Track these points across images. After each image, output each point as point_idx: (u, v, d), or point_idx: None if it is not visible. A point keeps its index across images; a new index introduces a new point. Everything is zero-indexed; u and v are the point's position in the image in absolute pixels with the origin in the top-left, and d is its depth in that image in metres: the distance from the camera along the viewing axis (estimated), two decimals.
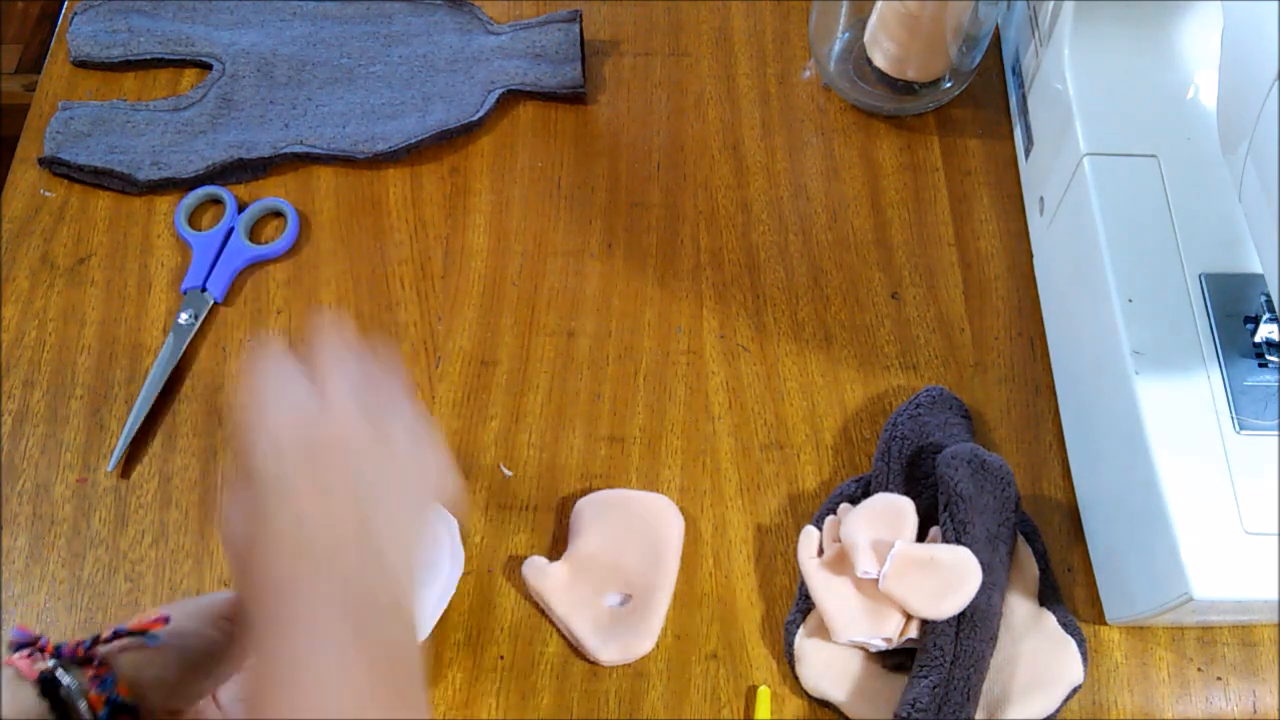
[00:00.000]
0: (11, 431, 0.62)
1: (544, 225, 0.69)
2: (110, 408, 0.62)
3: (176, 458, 0.61)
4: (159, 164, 0.69)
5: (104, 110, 0.71)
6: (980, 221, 0.69)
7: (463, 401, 0.63)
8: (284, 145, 0.70)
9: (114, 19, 0.75)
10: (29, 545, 0.59)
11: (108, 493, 0.60)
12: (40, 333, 0.65)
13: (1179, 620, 0.55)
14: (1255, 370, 0.54)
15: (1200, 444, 0.52)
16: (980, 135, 0.73)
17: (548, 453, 0.62)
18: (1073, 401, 0.62)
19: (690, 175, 0.71)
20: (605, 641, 0.55)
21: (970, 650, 0.52)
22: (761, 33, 0.77)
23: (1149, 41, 0.62)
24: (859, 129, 0.73)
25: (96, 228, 0.68)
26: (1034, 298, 0.67)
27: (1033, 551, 0.57)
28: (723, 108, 0.74)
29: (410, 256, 0.68)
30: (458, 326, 0.65)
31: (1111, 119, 0.61)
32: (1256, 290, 0.56)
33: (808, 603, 0.56)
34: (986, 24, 0.69)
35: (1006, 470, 0.56)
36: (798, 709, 0.55)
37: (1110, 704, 0.55)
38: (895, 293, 0.67)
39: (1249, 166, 0.46)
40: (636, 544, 0.58)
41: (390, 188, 0.70)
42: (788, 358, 0.65)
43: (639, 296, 0.67)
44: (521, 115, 0.73)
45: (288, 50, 0.74)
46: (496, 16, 0.76)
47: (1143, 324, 0.55)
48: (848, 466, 0.62)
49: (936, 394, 0.61)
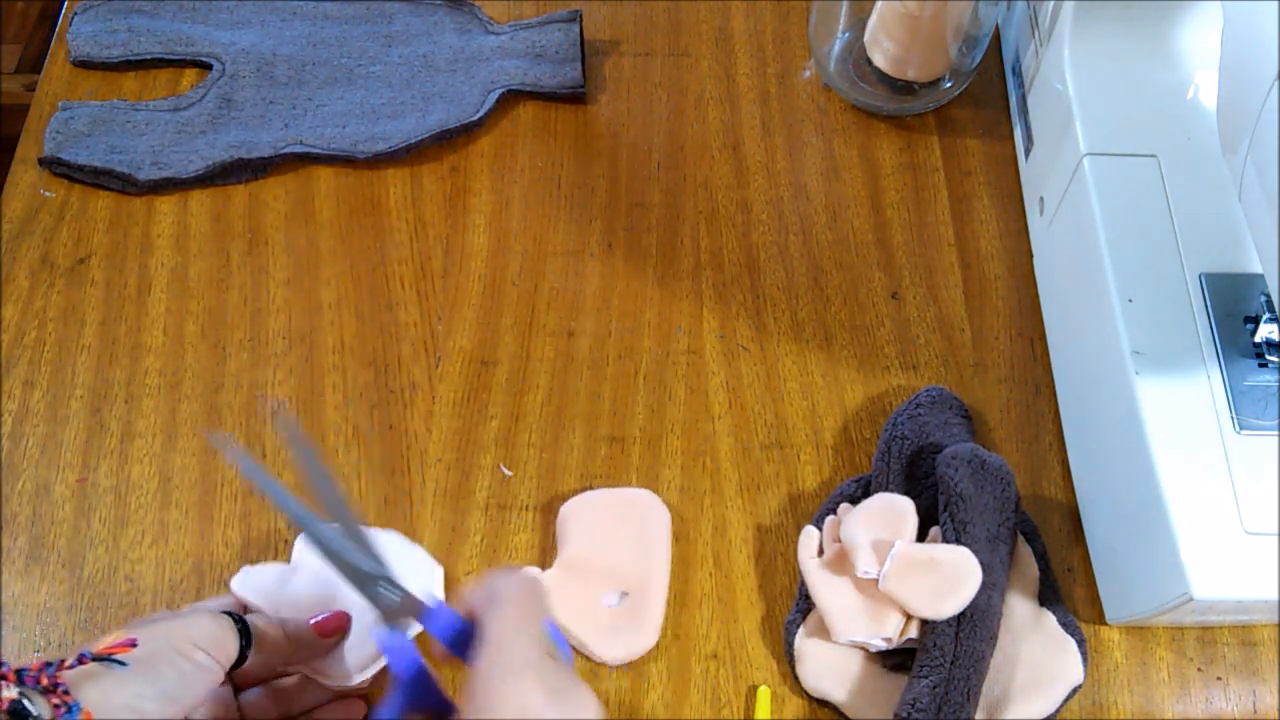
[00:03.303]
0: (11, 431, 0.62)
1: (544, 225, 0.69)
2: (110, 408, 0.62)
3: (176, 458, 0.61)
4: (159, 164, 0.69)
5: (104, 110, 0.71)
6: (980, 221, 0.69)
7: (463, 401, 0.63)
8: (284, 145, 0.70)
9: (114, 19, 0.75)
10: (29, 545, 0.59)
11: (108, 493, 0.60)
12: (40, 333, 0.65)
13: (1179, 620, 0.55)
14: (1255, 370, 0.54)
15: (1200, 444, 0.52)
16: (980, 135, 0.73)
17: (548, 453, 0.62)
18: (1073, 401, 0.62)
19: (690, 175, 0.71)
20: (608, 642, 0.55)
21: (970, 650, 0.52)
22: (761, 33, 0.77)
23: (1149, 41, 0.62)
24: (859, 129, 0.73)
25: (96, 228, 0.68)
26: (1034, 298, 0.67)
27: (1033, 551, 0.57)
28: (723, 108, 0.74)
29: (410, 256, 0.68)
30: (458, 326, 0.66)
31: (1111, 119, 0.61)
32: (1256, 290, 0.56)
33: (808, 603, 0.56)
34: (986, 24, 0.69)
35: (1006, 470, 0.56)
36: (798, 709, 0.55)
37: (1110, 704, 0.55)
38: (895, 293, 0.67)
39: (1249, 166, 0.46)
40: (625, 541, 0.58)
41: (390, 188, 0.70)
42: (788, 358, 0.65)
43: (639, 296, 0.67)
44: (521, 115, 0.73)
45: (288, 50, 0.74)
46: (496, 16, 0.76)
47: (1143, 324, 0.55)
48: (848, 466, 0.62)
49: (936, 394, 0.61)
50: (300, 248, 0.68)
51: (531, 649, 0.41)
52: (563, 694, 0.40)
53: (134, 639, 0.41)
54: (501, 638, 0.41)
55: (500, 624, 0.41)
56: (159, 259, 0.67)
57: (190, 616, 0.45)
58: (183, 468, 0.61)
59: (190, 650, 0.43)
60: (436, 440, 0.62)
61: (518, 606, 0.42)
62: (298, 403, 0.63)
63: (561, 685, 0.40)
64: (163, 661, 0.41)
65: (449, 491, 0.60)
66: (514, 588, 0.43)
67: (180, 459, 0.61)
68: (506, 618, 0.41)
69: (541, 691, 0.39)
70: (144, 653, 0.41)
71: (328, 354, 0.64)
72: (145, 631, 0.42)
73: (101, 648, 0.40)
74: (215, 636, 0.44)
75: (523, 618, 0.42)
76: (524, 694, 0.39)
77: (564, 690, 0.40)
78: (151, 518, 0.59)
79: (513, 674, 0.39)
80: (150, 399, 0.63)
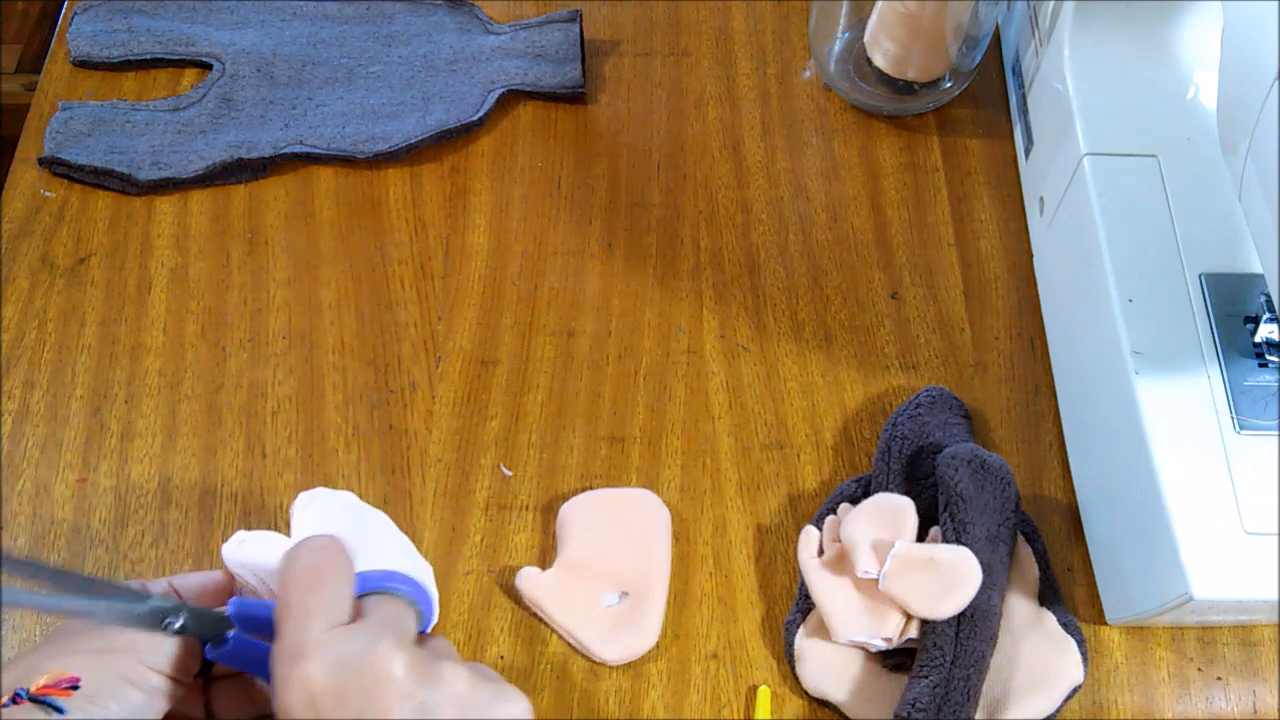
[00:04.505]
0: (11, 431, 0.62)
1: (544, 225, 0.69)
2: (110, 408, 0.62)
3: (176, 458, 0.61)
4: (159, 164, 0.69)
5: (104, 110, 0.71)
6: (980, 221, 0.69)
7: (463, 401, 0.63)
8: (284, 145, 0.70)
9: (114, 19, 0.75)
10: (29, 545, 0.59)
11: (108, 493, 0.60)
12: (40, 333, 0.65)
13: (1179, 620, 0.55)
14: (1255, 370, 0.54)
15: (1200, 444, 0.52)
16: (980, 135, 0.73)
17: (548, 453, 0.62)
18: (1073, 401, 0.62)
19: (690, 175, 0.71)
20: (608, 642, 0.55)
21: (970, 650, 0.52)
22: (761, 33, 0.77)
23: (1149, 41, 0.62)
24: (859, 129, 0.73)
25: (96, 228, 0.68)
26: (1034, 298, 0.67)
27: (1033, 551, 0.57)
28: (723, 108, 0.74)
29: (410, 256, 0.68)
30: (458, 326, 0.66)
31: (1111, 119, 0.61)
32: (1256, 290, 0.56)
33: (808, 603, 0.56)
34: (986, 24, 0.69)
35: (1006, 470, 0.56)
36: (798, 709, 0.55)
37: (1110, 704, 0.55)
38: (895, 293, 0.67)
39: (1249, 166, 0.46)
40: (625, 540, 0.58)
41: (390, 188, 0.70)
42: (788, 358, 0.65)
43: (639, 296, 0.67)
44: (521, 115, 0.73)
45: (288, 50, 0.74)
46: (496, 16, 0.76)
47: (1143, 324, 0.55)
48: (848, 466, 0.62)
49: (936, 394, 0.61)
50: (300, 248, 0.68)
51: (312, 627, 0.38)
52: (345, 665, 0.37)
53: (76, 679, 0.37)
54: (280, 624, 0.38)
55: (278, 610, 0.39)
56: (159, 259, 0.67)
57: (134, 635, 0.40)
58: (183, 468, 0.61)
59: (143, 677, 0.39)
60: (436, 440, 0.62)
61: (294, 586, 0.39)
62: (298, 403, 0.63)
63: (346, 654, 0.37)
64: (109, 696, 0.38)
65: (449, 491, 0.60)
66: (291, 565, 0.40)
67: (180, 459, 0.61)
68: (282, 603, 0.39)
69: (321, 668, 0.36)
70: (89, 688, 0.37)
71: (328, 354, 0.64)
72: (90, 662, 0.38)
73: (39, 686, 0.36)
74: (174, 656, 0.40)
75: (305, 592, 0.39)
76: (308, 678, 0.36)
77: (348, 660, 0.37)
78: (151, 518, 0.59)
79: (288, 659, 0.37)
80: (150, 399, 0.63)
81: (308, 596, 0.39)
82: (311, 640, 0.37)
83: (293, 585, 0.39)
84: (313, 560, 0.40)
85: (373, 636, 0.38)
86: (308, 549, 0.41)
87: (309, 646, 0.37)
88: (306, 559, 0.41)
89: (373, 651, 0.37)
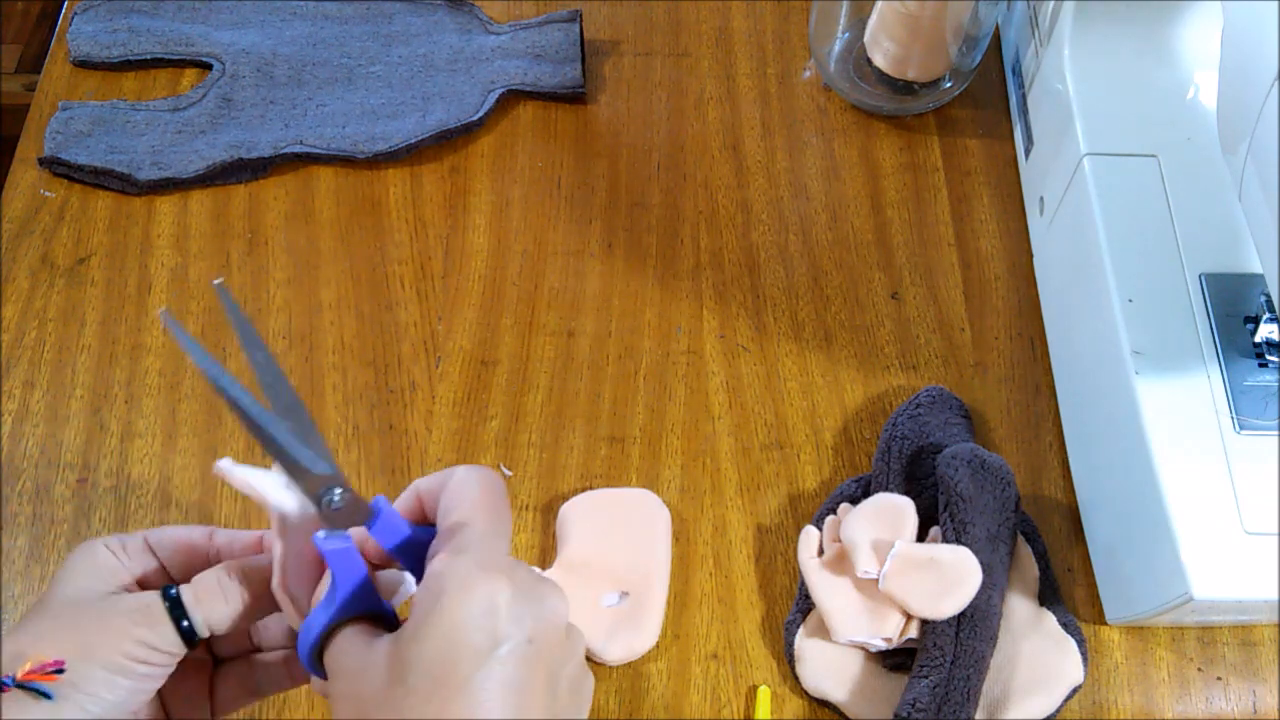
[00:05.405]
0: (11, 431, 0.62)
1: (544, 225, 0.69)
2: (110, 408, 0.62)
3: (176, 458, 0.61)
4: (159, 164, 0.69)
5: (104, 110, 0.71)
6: (980, 221, 0.69)
7: (463, 401, 0.63)
8: (284, 145, 0.70)
9: (114, 19, 0.75)
10: (29, 545, 0.59)
11: (108, 493, 0.60)
12: (40, 333, 0.65)
13: (1179, 620, 0.55)
14: (1255, 370, 0.54)
15: (1200, 444, 0.52)
16: (980, 135, 0.73)
17: (548, 453, 0.62)
18: (1073, 401, 0.62)
19: (690, 175, 0.71)
20: (608, 642, 0.55)
21: (970, 650, 0.52)
22: (761, 33, 0.77)
23: (1149, 41, 0.62)
24: (859, 129, 0.73)
25: (96, 228, 0.68)
26: (1034, 298, 0.67)
27: (1033, 551, 0.57)
28: (723, 108, 0.74)
29: (410, 256, 0.68)
30: (458, 326, 0.66)
31: (1111, 119, 0.61)
32: (1256, 290, 0.56)
33: (808, 603, 0.56)
34: (986, 24, 0.69)
35: (1006, 470, 0.56)
36: (798, 709, 0.55)
37: (1110, 704, 0.55)
38: (895, 293, 0.67)
39: (1249, 166, 0.46)
40: (625, 540, 0.58)
41: (390, 188, 0.70)
42: (788, 358, 0.65)
43: (639, 296, 0.67)
44: (521, 115, 0.73)
45: (288, 50, 0.74)
46: (496, 16, 0.76)
47: (1143, 324, 0.55)
48: (848, 466, 0.62)
49: (936, 394, 0.61)
50: (300, 248, 0.68)
51: (504, 551, 0.39)
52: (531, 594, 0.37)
53: (61, 662, 0.36)
54: (470, 539, 0.38)
55: (471, 524, 0.39)
56: (159, 259, 0.67)
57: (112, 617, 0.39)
58: (183, 468, 0.61)
59: (134, 668, 0.38)
60: (436, 440, 0.62)
61: (489, 508, 0.39)
62: None
63: (530, 586, 0.38)
64: (101, 684, 0.37)
65: None
66: (482, 487, 0.40)
67: (180, 459, 0.61)
68: (478, 518, 0.39)
69: (510, 590, 0.37)
70: (76, 678, 0.36)
71: (328, 354, 0.64)
72: (83, 649, 0.37)
73: (25, 673, 0.36)
74: (148, 642, 0.39)
75: (495, 519, 0.39)
76: (494, 594, 0.36)
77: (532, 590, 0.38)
78: (151, 518, 0.59)
79: (484, 573, 0.37)
80: (150, 399, 0.63)
81: (497, 520, 0.40)
82: (503, 560, 0.38)
83: (484, 504, 0.40)
84: (499, 487, 0.41)
85: (537, 572, 0.40)
86: (489, 475, 0.42)
87: (501, 563, 0.38)
88: (494, 483, 0.41)
89: (545, 582, 0.39)
